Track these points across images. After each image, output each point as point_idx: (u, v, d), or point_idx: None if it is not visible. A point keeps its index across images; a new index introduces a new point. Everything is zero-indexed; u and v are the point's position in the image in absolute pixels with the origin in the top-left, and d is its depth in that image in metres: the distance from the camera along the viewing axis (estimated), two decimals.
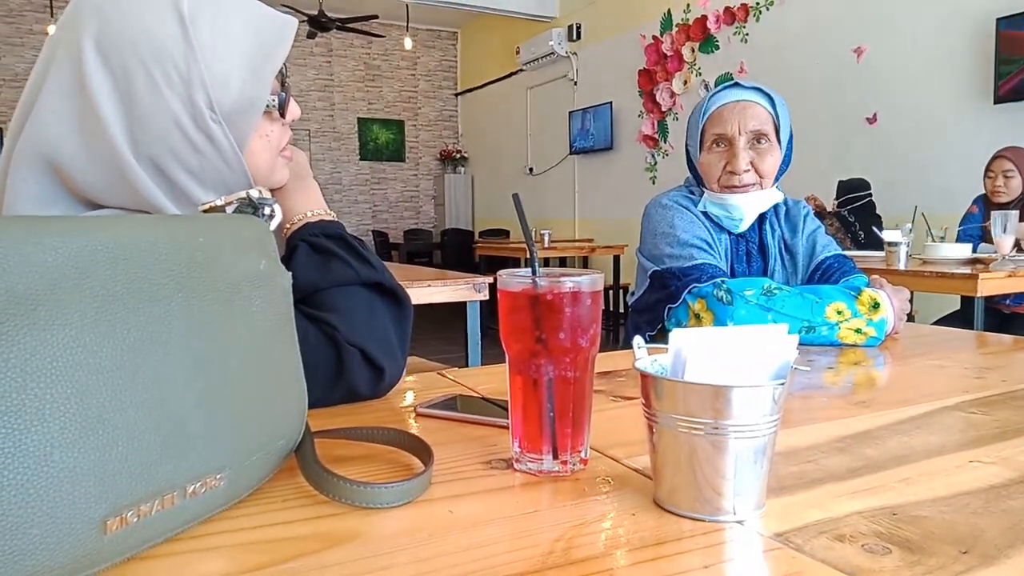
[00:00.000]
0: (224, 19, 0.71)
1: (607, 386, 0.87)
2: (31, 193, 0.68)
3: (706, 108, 1.36)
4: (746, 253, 1.41)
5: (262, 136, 0.77)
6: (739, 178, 1.32)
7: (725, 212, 1.36)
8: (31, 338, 0.36)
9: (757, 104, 1.33)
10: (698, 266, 1.28)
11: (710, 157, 1.36)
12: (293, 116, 0.80)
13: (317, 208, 0.84)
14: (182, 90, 0.68)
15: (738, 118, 1.32)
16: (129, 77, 0.67)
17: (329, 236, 0.80)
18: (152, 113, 0.68)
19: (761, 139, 1.33)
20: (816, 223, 1.45)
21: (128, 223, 0.45)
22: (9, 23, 7.49)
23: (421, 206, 9.81)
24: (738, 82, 1.37)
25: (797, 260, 1.41)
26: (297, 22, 0.78)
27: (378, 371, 0.76)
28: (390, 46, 9.17)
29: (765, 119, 1.33)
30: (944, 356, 1.08)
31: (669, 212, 1.37)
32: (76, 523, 0.38)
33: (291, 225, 0.82)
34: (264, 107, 0.75)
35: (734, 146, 1.32)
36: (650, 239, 1.38)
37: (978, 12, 3.87)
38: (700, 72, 5.76)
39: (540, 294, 0.56)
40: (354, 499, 0.50)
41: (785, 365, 0.50)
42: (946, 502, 0.51)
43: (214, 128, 0.70)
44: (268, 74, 0.74)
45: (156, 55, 0.67)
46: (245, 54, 0.72)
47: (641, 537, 0.46)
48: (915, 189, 4.09)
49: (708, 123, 1.36)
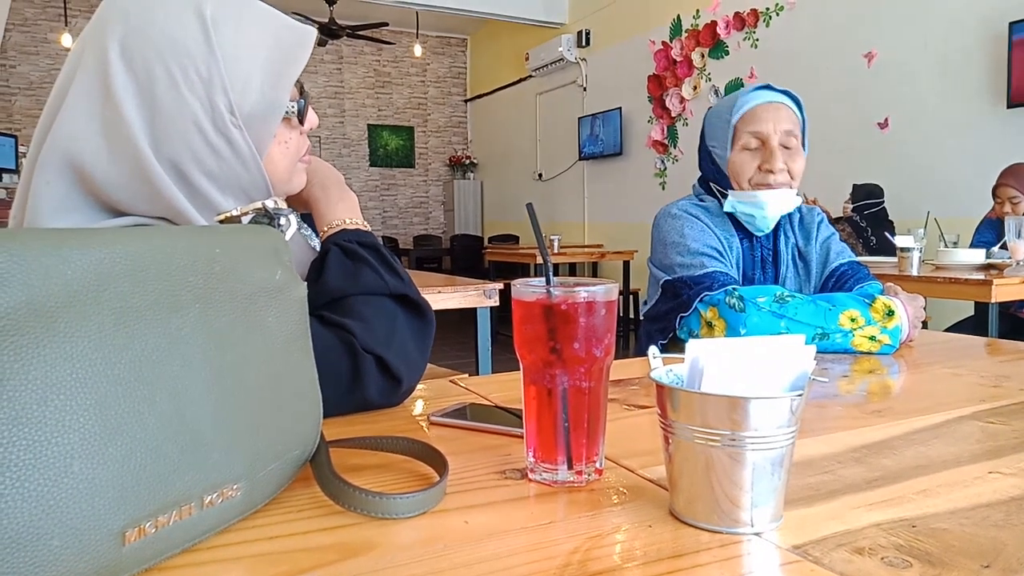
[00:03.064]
0: (246, 25, 0.73)
1: (620, 394, 0.87)
2: (52, 197, 0.69)
3: (739, 106, 1.34)
4: (760, 260, 1.40)
5: (281, 143, 0.78)
6: (775, 177, 1.31)
7: (756, 209, 1.34)
8: (51, 350, 0.37)
9: (787, 106, 1.33)
10: (709, 274, 1.27)
11: (743, 156, 1.34)
12: (312, 124, 0.82)
13: (355, 218, 0.86)
14: (203, 93, 0.70)
15: (774, 119, 1.31)
16: (152, 79, 0.68)
17: (363, 244, 0.82)
18: (173, 115, 0.69)
19: (791, 141, 1.32)
20: (830, 230, 1.44)
21: (146, 235, 0.45)
22: (24, 32, 7.57)
23: (431, 212, 9.83)
24: (769, 84, 1.36)
25: (811, 268, 1.40)
26: (316, 31, 0.79)
27: (394, 379, 0.76)
28: (400, 53, 9.21)
29: (795, 121, 1.33)
30: (959, 364, 1.07)
31: (679, 221, 1.36)
32: (95, 534, 0.38)
33: (328, 229, 0.84)
34: (283, 113, 0.76)
35: (769, 145, 1.31)
36: (660, 249, 1.38)
37: (990, 16, 3.84)
38: (710, 78, 5.75)
39: (554, 304, 0.56)
40: (370, 509, 0.50)
41: (802, 376, 0.50)
42: (966, 514, 0.51)
43: (233, 131, 0.72)
44: (288, 80, 0.76)
45: (178, 58, 0.69)
46: (266, 59, 0.73)
47: (658, 549, 0.45)
48: (927, 194, 4.07)
49: (741, 122, 1.34)
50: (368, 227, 0.86)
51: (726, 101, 1.39)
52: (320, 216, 0.86)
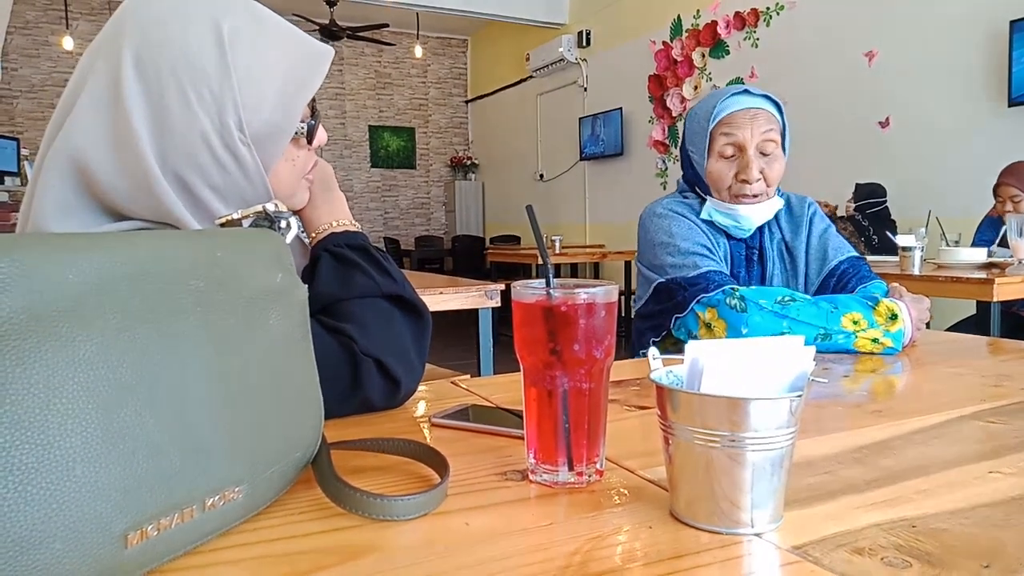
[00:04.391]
0: (263, 44, 0.72)
1: (620, 395, 0.87)
2: (56, 199, 0.69)
3: (715, 113, 1.31)
4: (746, 258, 1.39)
5: (288, 160, 0.79)
6: (751, 187, 1.30)
7: (733, 222, 1.34)
8: (53, 355, 0.37)
9: (765, 111, 1.31)
10: (704, 275, 1.26)
11: (720, 165, 1.32)
12: (320, 143, 0.82)
13: (343, 219, 0.85)
14: (213, 110, 0.69)
15: (750, 126, 1.29)
16: (163, 93, 0.68)
17: (352, 247, 0.81)
18: (182, 129, 0.69)
19: (769, 147, 1.30)
20: (826, 223, 1.41)
21: (148, 239, 0.45)
22: (25, 35, 7.58)
23: (432, 213, 9.83)
24: (747, 88, 1.34)
25: (798, 262, 1.38)
26: (333, 52, 0.79)
27: (394, 382, 0.76)
28: (401, 54, 9.21)
29: (774, 127, 1.31)
30: (961, 363, 1.07)
31: (665, 220, 1.35)
32: (98, 537, 0.38)
33: (316, 235, 0.84)
34: (293, 133, 0.76)
35: (746, 154, 1.30)
36: (649, 249, 1.36)
37: (991, 15, 3.84)
38: (710, 77, 5.75)
39: (554, 306, 0.56)
40: (371, 512, 0.50)
41: (802, 376, 0.50)
42: (966, 514, 0.51)
43: (242, 149, 0.71)
44: (300, 102, 0.76)
45: (191, 74, 0.69)
46: (280, 80, 0.73)
47: (659, 550, 0.46)
48: (928, 193, 4.06)
49: (717, 128, 1.32)
50: (357, 226, 0.86)
51: (704, 104, 1.36)
52: (308, 219, 0.85)
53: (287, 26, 0.77)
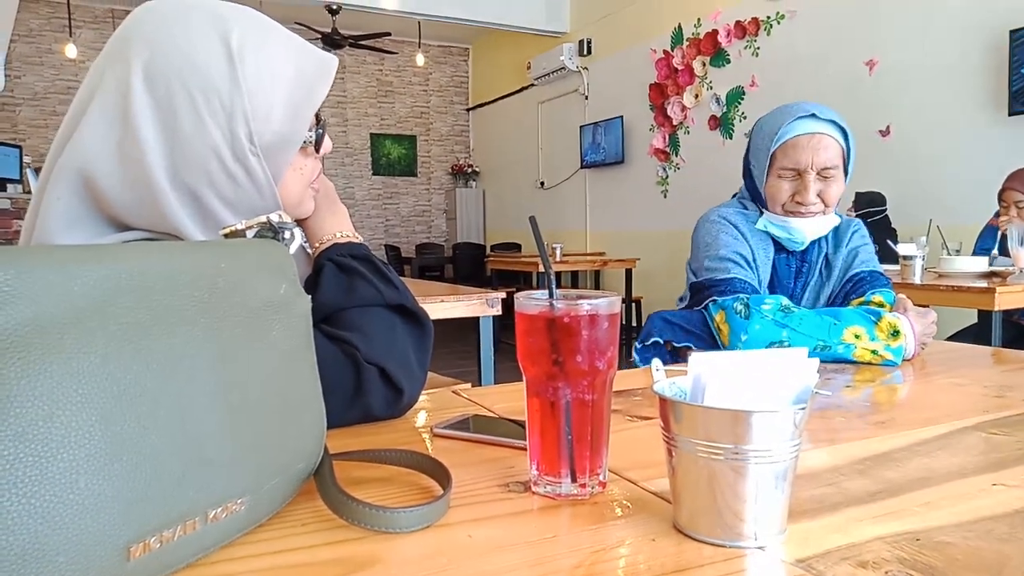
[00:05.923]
0: (270, 54, 0.73)
1: (623, 405, 0.87)
2: (62, 211, 0.69)
3: (779, 136, 1.31)
4: (796, 271, 1.41)
5: (296, 169, 0.79)
6: (807, 208, 1.31)
7: (786, 234, 1.36)
8: (57, 367, 0.37)
9: (829, 136, 1.30)
10: (728, 279, 1.29)
11: (778, 184, 1.33)
12: (326, 151, 0.82)
13: (346, 230, 0.86)
14: (224, 122, 0.70)
15: (812, 153, 1.29)
16: (174, 106, 0.68)
17: (356, 257, 0.82)
18: (193, 142, 0.69)
19: (830, 172, 1.30)
20: (863, 240, 1.42)
21: (151, 251, 0.45)
22: (29, 43, 7.61)
23: (433, 220, 9.84)
24: (814, 112, 1.31)
25: (833, 273, 1.40)
26: (337, 61, 0.80)
27: (396, 391, 0.77)
28: (402, 62, 9.24)
29: (836, 152, 1.30)
30: (962, 374, 1.07)
31: (715, 227, 1.38)
32: (101, 549, 0.38)
33: (320, 245, 0.84)
34: (301, 142, 0.77)
35: (804, 179, 1.30)
36: (695, 252, 1.41)
37: (991, 24, 3.85)
38: (711, 86, 5.77)
39: (557, 317, 0.56)
40: (373, 523, 0.50)
41: (806, 389, 0.50)
42: (970, 527, 0.50)
43: (252, 160, 0.72)
44: (308, 111, 0.76)
45: (202, 87, 0.69)
46: (288, 90, 0.74)
47: (662, 563, 0.45)
48: (929, 202, 4.06)
49: (779, 150, 1.32)
50: (360, 238, 0.87)
51: (770, 122, 1.35)
52: (311, 230, 0.86)
53: (292, 36, 0.77)
